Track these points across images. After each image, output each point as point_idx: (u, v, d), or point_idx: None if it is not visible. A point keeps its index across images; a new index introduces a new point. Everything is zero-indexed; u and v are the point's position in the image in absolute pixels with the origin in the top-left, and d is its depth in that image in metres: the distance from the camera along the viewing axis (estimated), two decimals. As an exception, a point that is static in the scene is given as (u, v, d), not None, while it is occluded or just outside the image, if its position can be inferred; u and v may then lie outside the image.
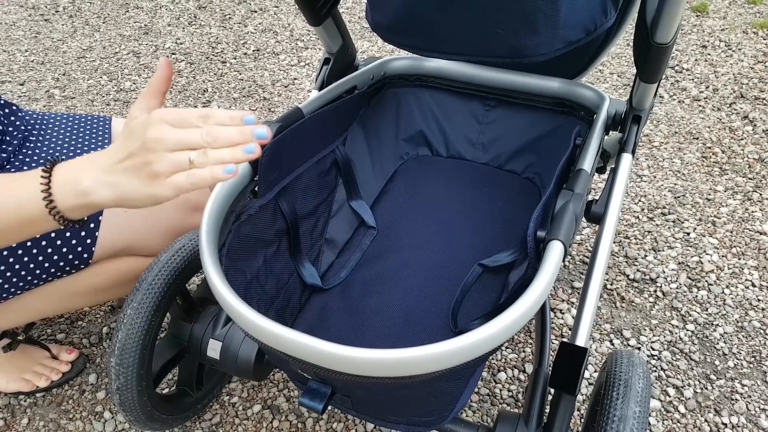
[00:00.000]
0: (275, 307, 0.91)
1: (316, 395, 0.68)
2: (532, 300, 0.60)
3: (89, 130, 1.09)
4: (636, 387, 0.74)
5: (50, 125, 1.08)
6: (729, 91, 2.09)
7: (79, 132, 1.08)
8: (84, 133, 1.08)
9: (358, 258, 1.08)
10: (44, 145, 1.01)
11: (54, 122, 1.09)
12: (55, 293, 0.97)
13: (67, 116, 1.13)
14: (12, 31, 2.57)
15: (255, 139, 0.55)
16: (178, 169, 0.55)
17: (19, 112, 1.04)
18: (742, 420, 1.13)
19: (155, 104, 0.61)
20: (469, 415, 1.13)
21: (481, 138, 1.24)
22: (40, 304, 0.99)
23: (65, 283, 0.96)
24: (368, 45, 2.44)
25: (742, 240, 1.51)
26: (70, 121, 1.11)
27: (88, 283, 0.97)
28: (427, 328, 0.96)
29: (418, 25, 0.95)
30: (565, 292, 1.37)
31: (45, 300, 0.98)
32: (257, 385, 1.19)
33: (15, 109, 1.04)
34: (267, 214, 0.89)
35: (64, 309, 1.05)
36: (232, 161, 0.55)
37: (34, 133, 1.04)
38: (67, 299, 1.00)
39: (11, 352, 1.12)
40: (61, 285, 0.96)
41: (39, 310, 1.02)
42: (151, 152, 0.55)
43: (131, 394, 0.87)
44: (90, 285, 0.98)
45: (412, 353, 0.55)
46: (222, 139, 0.55)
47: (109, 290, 1.02)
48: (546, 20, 0.84)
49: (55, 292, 0.97)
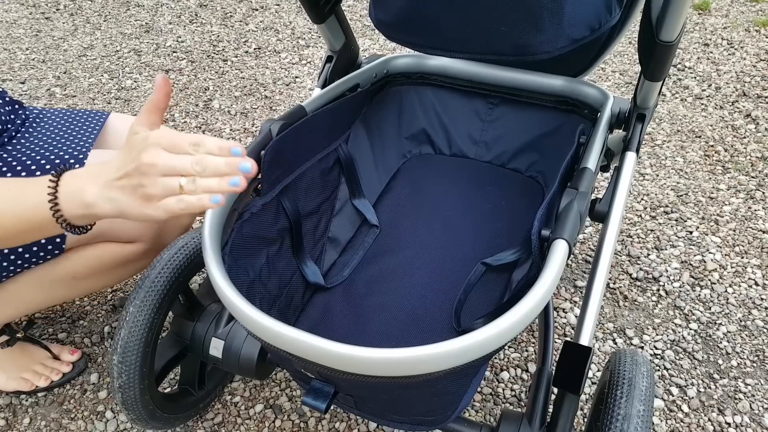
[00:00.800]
0: (278, 306, 0.91)
1: (319, 395, 0.67)
2: (536, 299, 0.59)
3: (81, 125, 1.09)
4: (640, 386, 0.74)
5: (46, 119, 1.09)
6: (731, 90, 2.09)
7: (70, 126, 1.08)
8: (75, 127, 1.08)
9: (361, 256, 1.08)
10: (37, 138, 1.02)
11: (51, 116, 1.10)
12: (35, 282, 0.98)
13: (66, 111, 1.13)
14: (13, 29, 2.57)
15: (240, 173, 0.59)
16: (169, 193, 0.59)
17: (20, 109, 1.06)
18: (745, 419, 1.12)
19: (156, 119, 0.64)
20: (472, 414, 1.13)
21: (484, 136, 1.24)
22: (24, 294, 0.99)
23: (44, 271, 0.97)
24: (370, 43, 2.43)
25: (745, 238, 1.50)
26: (65, 116, 1.12)
27: (67, 271, 0.98)
28: (430, 327, 0.95)
29: (422, 22, 0.95)
30: (568, 290, 1.37)
31: (28, 290, 0.99)
32: (259, 385, 1.18)
33: (17, 107, 1.05)
34: (270, 212, 0.89)
35: (51, 299, 1.06)
36: (219, 191, 0.59)
37: (34, 126, 1.05)
38: (49, 288, 1.00)
39: (9, 348, 1.12)
40: (41, 273, 0.97)
41: (25, 301, 1.03)
42: (145, 176, 0.59)
43: (133, 392, 0.87)
44: (69, 273, 0.98)
45: (416, 353, 0.55)
46: (210, 169, 0.59)
47: (90, 279, 1.02)
48: (551, 18, 0.83)
49: (35, 280, 0.97)
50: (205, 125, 1.96)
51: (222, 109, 2.04)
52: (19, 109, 1.06)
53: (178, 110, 2.03)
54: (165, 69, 2.26)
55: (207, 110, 2.04)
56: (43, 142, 1.02)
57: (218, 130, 1.93)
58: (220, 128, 1.94)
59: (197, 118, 1.99)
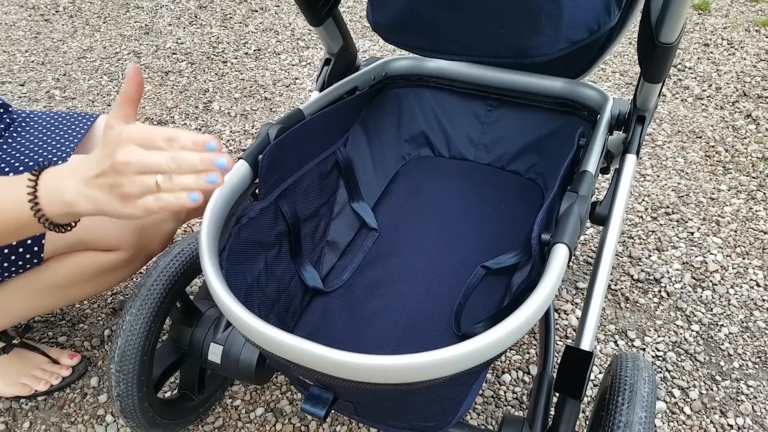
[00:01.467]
0: (276, 311, 0.90)
1: (318, 401, 0.67)
2: (537, 304, 0.59)
3: (67, 127, 1.08)
4: (642, 392, 0.73)
5: (33, 122, 1.08)
6: (732, 90, 2.08)
7: (55, 129, 1.07)
8: (59, 130, 1.07)
9: (360, 260, 1.08)
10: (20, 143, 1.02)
11: (38, 119, 1.09)
12: (18, 292, 0.96)
13: (53, 114, 1.12)
14: (12, 31, 2.57)
15: (216, 169, 0.58)
16: (147, 192, 0.58)
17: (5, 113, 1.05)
18: (747, 421, 1.12)
19: (130, 112, 0.62)
20: (473, 417, 1.13)
21: (483, 138, 1.24)
22: (8, 304, 0.98)
23: (25, 281, 0.95)
24: (369, 44, 2.43)
25: (746, 239, 1.50)
26: (53, 119, 1.10)
27: (49, 280, 0.97)
28: (430, 332, 0.95)
29: (420, 25, 0.94)
30: (569, 292, 1.37)
31: (11, 300, 0.97)
32: (260, 388, 1.18)
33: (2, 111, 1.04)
34: (268, 216, 0.88)
35: (36, 309, 1.04)
36: (196, 189, 0.58)
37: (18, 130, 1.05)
38: (33, 297, 0.99)
39: (6, 356, 1.12)
40: (22, 283, 0.95)
41: (10, 310, 1.01)
42: (121, 175, 0.58)
43: (132, 400, 0.86)
44: (50, 282, 0.97)
45: (416, 359, 0.54)
46: (185, 166, 0.58)
47: (73, 288, 1.00)
48: (549, 20, 0.83)
49: (18, 290, 0.96)
50: (204, 127, 1.95)
51: (222, 110, 2.04)
52: (4, 112, 1.04)
53: (177, 112, 2.03)
54: (165, 71, 2.26)
55: (207, 112, 2.03)
56: (26, 148, 1.01)
57: (218, 132, 1.92)
58: (220, 130, 1.93)
59: (197, 119, 1.99)
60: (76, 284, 0.99)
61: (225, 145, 1.87)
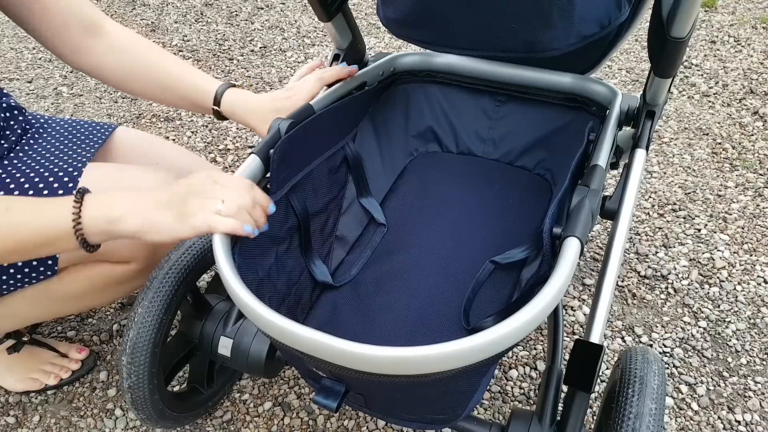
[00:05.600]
0: (287, 305, 0.91)
1: (330, 393, 0.67)
2: (549, 298, 0.59)
3: (85, 136, 1.06)
4: (652, 384, 0.74)
5: (51, 128, 1.06)
6: (739, 87, 2.08)
7: (74, 137, 1.05)
8: (78, 139, 1.05)
9: (369, 255, 1.08)
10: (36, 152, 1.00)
11: (56, 126, 1.07)
12: (31, 300, 0.96)
13: (71, 121, 1.10)
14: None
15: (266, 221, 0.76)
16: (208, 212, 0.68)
17: (22, 115, 1.02)
18: (755, 417, 1.12)
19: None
20: (481, 412, 1.13)
21: (491, 134, 1.24)
22: (20, 310, 0.98)
23: (38, 291, 0.95)
24: (376, 41, 2.43)
25: (753, 236, 1.49)
26: (71, 126, 1.08)
27: (62, 290, 0.97)
28: (439, 326, 0.95)
29: (431, 19, 0.94)
30: (576, 289, 1.37)
31: (24, 306, 0.97)
32: (268, 383, 1.18)
33: (16, 113, 1.01)
34: (279, 211, 0.88)
35: (48, 314, 1.05)
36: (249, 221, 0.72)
37: (35, 137, 1.03)
38: (45, 305, 0.99)
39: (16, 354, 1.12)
40: (35, 293, 0.95)
41: (26, 317, 1.02)
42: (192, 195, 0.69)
43: (143, 392, 0.87)
44: (64, 292, 0.97)
45: (428, 351, 0.55)
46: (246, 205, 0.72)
47: (84, 298, 1.00)
48: (561, 15, 0.83)
49: (30, 299, 0.96)
50: (211, 124, 1.96)
51: (228, 107, 2.04)
52: (19, 115, 1.02)
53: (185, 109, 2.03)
54: (171, 68, 2.26)
55: (213, 109, 2.03)
56: (42, 157, 0.99)
57: (224, 129, 1.93)
58: (226, 127, 1.94)
59: (204, 116, 1.99)
60: (88, 295, 0.99)
61: (232, 142, 1.87)
